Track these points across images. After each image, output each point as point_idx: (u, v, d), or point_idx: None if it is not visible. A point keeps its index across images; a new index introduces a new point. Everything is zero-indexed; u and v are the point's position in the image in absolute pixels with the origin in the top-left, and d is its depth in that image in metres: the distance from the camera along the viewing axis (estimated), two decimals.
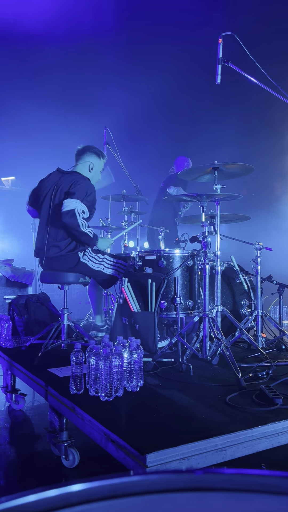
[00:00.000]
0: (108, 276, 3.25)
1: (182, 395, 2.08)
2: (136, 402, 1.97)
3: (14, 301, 3.54)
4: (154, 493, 0.40)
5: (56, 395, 2.08)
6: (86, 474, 2.00)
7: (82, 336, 3.11)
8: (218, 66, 2.84)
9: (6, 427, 2.68)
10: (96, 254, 3.24)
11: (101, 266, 3.21)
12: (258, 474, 0.42)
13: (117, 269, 3.24)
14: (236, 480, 0.42)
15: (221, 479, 0.42)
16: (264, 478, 0.42)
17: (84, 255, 3.18)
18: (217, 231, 2.93)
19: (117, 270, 3.24)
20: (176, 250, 3.06)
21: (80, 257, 3.16)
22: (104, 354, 1.95)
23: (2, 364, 3.09)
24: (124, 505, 0.39)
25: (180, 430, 1.63)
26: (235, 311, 3.31)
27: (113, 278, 3.26)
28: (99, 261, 3.22)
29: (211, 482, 0.42)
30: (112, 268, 3.24)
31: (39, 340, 3.06)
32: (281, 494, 0.40)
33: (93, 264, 3.19)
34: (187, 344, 2.60)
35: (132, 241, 5.38)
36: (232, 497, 0.40)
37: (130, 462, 1.47)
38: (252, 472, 0.42)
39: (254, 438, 1.63)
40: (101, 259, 3.23)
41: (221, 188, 2.94)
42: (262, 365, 2.54)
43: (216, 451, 1.54)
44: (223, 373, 2.43)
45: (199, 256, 2.94)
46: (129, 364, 2.07)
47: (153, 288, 2.81)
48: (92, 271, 3.20)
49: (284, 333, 3.08)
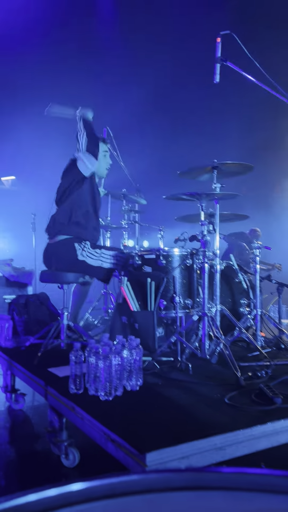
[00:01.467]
0: (107, 270, 3.25)
1: (182, 394, 2.08)
2: (136, 401, 1.98)
3: (14, 301, 3.54)
4: (154, 492, 0.40)
5: (56, 395, 2.08)
6: (86, 473, 2.01)
7: (82, 336, 3.11)
8: (217, 65, 2.84)
9: (6, 426, 2.68)
10: (94, 249, 3.24)
11: (99, 261, 3.21)
12: (257, 473, 0.42)
13: (115, 261, 3.24)
14: (235, 479, 0.42)
15: (220, 478, 0.42)
16: (264, 477, 0.42)
17: (83, 251, 3.18)
18: (216, 230, 2.93)
19: (115, 263, 3.24)
20: (175, 249, 3.06)
21: (78, 254, 3.16)
22: (104, 353, 1.95)
23: (2, 364, 3.09)
24: (124, 504, 0.40)
25: (180, 429, 1.64)
26: (234, 310, 3.31)
27: (111, 270, 3.27)
28: (97, 256, 3.22)
29: (210, 481, 0.42)
30: (110, 262, 3.24)
31: (39, 339, 3.06)
32: (281, 493, 0.40)
33: (91, 260, 3.19)
34: (186, 343, 2.60)
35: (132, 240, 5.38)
36: (231, 496, 0.41)
37: (130, 461, 1.47)
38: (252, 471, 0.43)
39: (254, 437, 1.63)
40: (98, 254, 3.23)
41: (220, 187, 2.94)
42: (261, 364, 2.54)
43: (215, 450, 1.54)
44: (222, 372, 2.43)
45: (198, 255, 2.94)
46: (128, 363, 2.08)
47: (153, 287, 2.81)
48: (92, 268, 3.20)
49: (283, 332, 3.09)
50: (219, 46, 2.86)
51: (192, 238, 2.84)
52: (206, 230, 2.74)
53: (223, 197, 2.96)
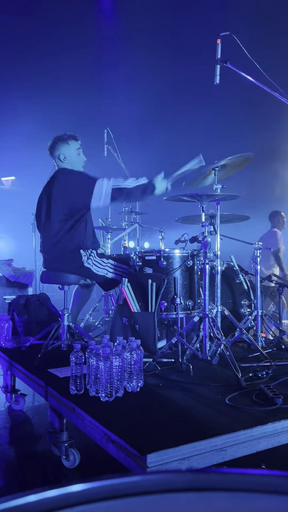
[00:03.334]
0: (110, 280, 3.21)
1: (182, 395, 2.08)
2: (136, 403, 1.97)
3: (14, 301, 3.54)
4: (155, 493, 0.40)
5: (56, 396, 2.08)
6: (87, 474, 2.00)
7: (82, 337, 3.10)
8: (217, 67, 2.85)
9: (6, 427, 2.68)
10: (101, 258, 3.20)
11: (105, 271, 3.16)
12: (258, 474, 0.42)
13: (120, 273, 3.21)
14: (236, 480, 0.42)
15: (221, 479, 0.42)
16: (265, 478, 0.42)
17: (89, 259, 3.14)
18: (217, 231, 2.93)
19: (120, 275, 3.21)
20: (176, 250, 3.06)
21: (84, 261, 3.14)
22: (104, 354, 1.95)
23: (2, 365, 3.09)
24: (124, 505, 0.40)
25: (180, 430, 1.63)
26: (235, 311, 3.31)
27: (114, 281, 3.23)
28: (103, 266, 3.17)
29: (211, 482, 0.42)
30: (115, 273, 3.20)
31: (39, 340, 3.06)
32: (281, 494, 0.40)
33: (97, 269, 3.14)
34: (187, 344, 2.60)
35: (132, 241, 5.38)
36: (232, 497, 0.40)
37: (131, 462, 1.47)
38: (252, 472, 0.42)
39: (254, 438, 1.63)
40: (105, 263, 3.17)
41: (221, 188, 2.94)
42: (262, 365, 2.54)
43: (216, 451, 1.54)
44: (223, 373, 2.43)
45: (199, 256, 2.94)
46: (129, 364, 2.07)
47: (153, 288, 2.81)
48: (95, 276, 3.17)
49: (284, 332, 3.08)
50: (219, 48, 2.86)
51: (192, 239, 2.84)
52: (207, 231, 2.73)
53: (224, 198, 2.96)
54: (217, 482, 0.42)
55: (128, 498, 0.40)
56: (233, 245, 3.85)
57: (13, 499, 0.38)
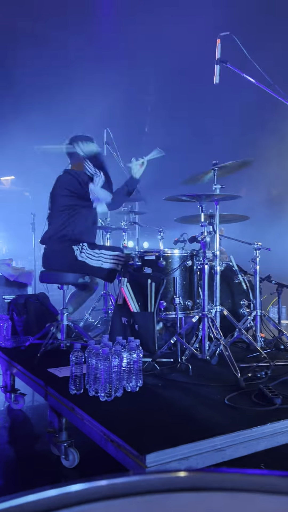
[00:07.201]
0: (108, 270, 3.23)
1: (182, 395, 2.08)
2: (136, 402, 1.97)
3: (13, 301, 3.54)
4: (154, 493, 0.40)
5: (56, 395, 2.08)
6: (86, 474, 2.00)
7: (82, 336, 3.10)
8: (217, 67, 2.85)
9: (5, 426, 2.68)
10: (93, 250, 3.22)
11: (99, 261, 3.19)
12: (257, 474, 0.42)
13: (116, 261, 3.22)
14: (235, 480, 0.42)
15: (220, 479, 0.42)
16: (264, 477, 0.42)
17: (82, 252, 3.17)
18: (216, 231, 2.93)
19: (116, 263, 3.22)
20: (175, 250, 3.06)
21: (77, 255, 3.14)
22: (104, 354, 1.95)
23: (2, 364, 3.08)
24: (123, 505, 0.40)
25: (180, 430, 1.63)
26: (234, 311, 3.31)
27: (113, 271, 3.25)
28: (97, 256, 3.20)
29: (210, 482, 0.42)
30: (110, 262, 3.22)
31: (39, 340, 3.06)
32: (281, 494, 0.40)
33: (91, 261, 3.17)
34: (186, 344, 2.60)
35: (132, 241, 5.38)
36: (231, 497, 0.40)
37: (130, 462, 1.47)
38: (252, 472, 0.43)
39: (253, 438, 1.63)
40: (98, 254, 3.20)
41: (220, 188, 2.94)
42: (261, 365, 2.54)
43: (215, 451, 1.54)
44: (222, 373, 2.43)
45: (198, 256, 2.94)
46: (128, 364, 2.07)
47: (153, 288, 2.81)
48: (92, 268, 3.18)
49: (283, 333, 3.08)
50: (218, 48, 2.86)
51: (192, 239, 2.84)
52: (206, 231, 2.73)
53: (223, 198, 2.96)
54: (216, 482, 0.42)
55: (127, 498, 0.40)
56: (232, 245, 3.85)
57: (13, 498, 0.38)
